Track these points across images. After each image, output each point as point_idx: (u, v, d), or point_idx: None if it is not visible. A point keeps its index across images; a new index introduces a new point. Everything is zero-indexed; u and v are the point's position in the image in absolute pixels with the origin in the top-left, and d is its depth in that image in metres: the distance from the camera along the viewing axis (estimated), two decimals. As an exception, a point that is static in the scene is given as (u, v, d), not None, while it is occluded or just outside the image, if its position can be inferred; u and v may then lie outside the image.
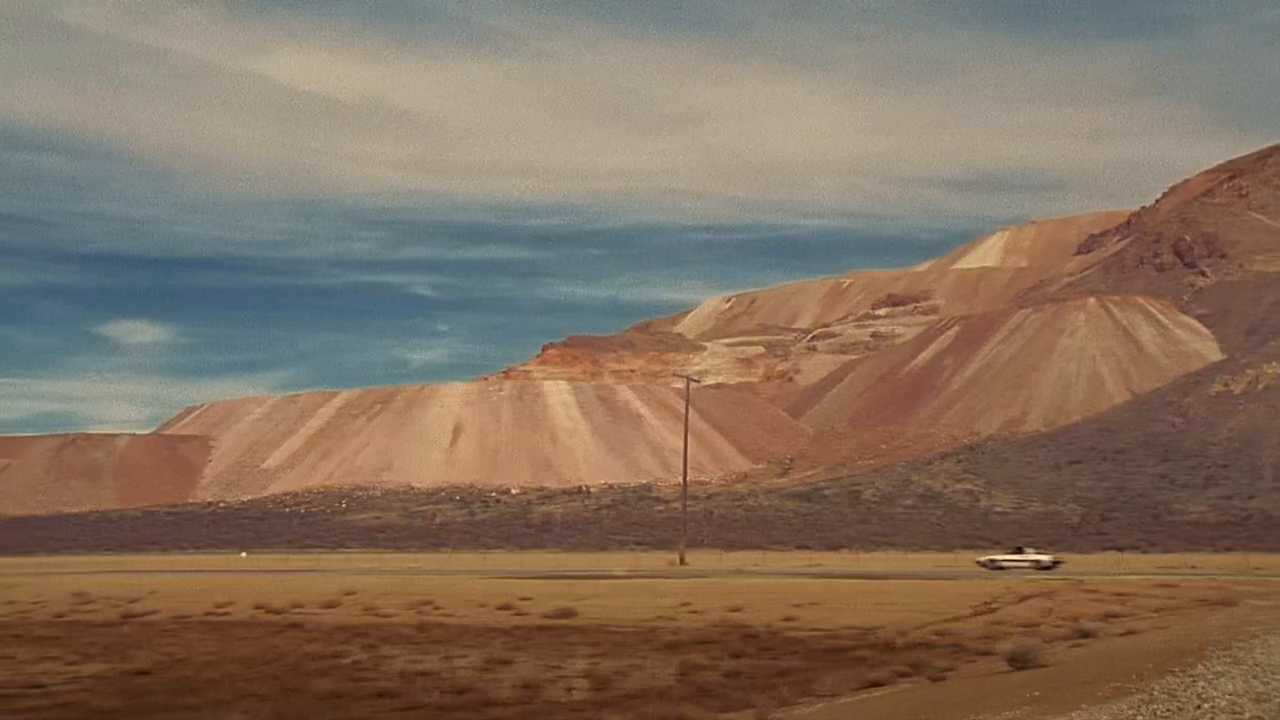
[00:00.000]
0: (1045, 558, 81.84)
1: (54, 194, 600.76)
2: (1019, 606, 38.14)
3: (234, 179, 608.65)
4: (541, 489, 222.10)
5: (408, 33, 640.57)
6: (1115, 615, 32.86)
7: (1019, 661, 20.58)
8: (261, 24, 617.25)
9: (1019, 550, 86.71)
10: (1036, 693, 16.47)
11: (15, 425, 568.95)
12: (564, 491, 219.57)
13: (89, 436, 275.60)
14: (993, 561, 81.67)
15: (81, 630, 35.44)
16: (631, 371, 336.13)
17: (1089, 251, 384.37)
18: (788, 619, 34.04)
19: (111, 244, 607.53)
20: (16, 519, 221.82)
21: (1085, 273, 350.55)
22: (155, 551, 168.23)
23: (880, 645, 26.69)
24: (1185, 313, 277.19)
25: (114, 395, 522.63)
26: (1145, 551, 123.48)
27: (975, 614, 35.39)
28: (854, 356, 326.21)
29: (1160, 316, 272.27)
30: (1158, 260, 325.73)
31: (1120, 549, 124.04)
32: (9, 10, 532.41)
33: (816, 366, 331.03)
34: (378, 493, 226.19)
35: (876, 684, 20.69)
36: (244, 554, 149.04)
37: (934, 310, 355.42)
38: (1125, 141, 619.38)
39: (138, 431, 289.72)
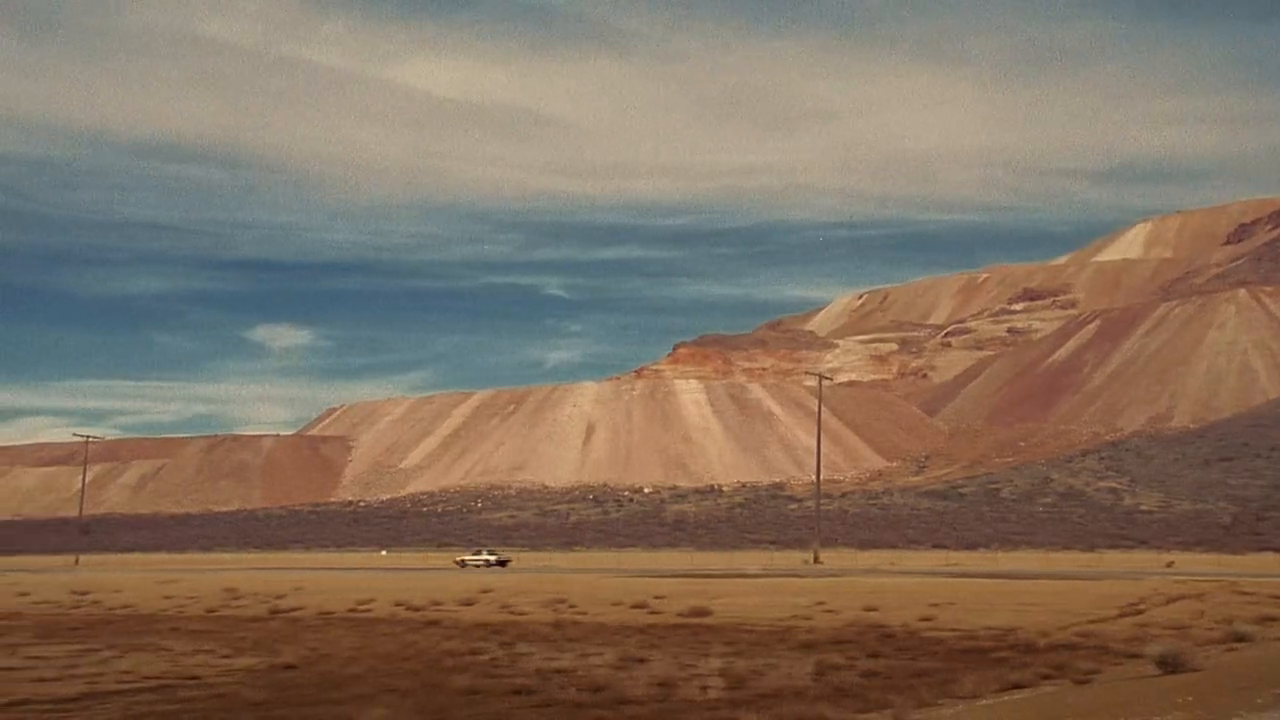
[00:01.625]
0: (493, 557, 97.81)
1: (204, 204, 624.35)
2: (1167, 608, 36.90)
3: (373, 185, 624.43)
4: (674, 488, 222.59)
5: (539, 37, 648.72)
6: (1274, 619, 31.54)
7: (1169, 665, 19.85)
8: (398, 33, 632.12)
9: (478, 551, 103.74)
10: (1189, 698, 15.87)
11: (169, 427, 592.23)
12: (696, 490, 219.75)
13: (237, 437, 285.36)
14: (463, 562, 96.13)
15: (232, 625, 36.68)
16: (763, 370, 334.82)
17: (1239, 241, 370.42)
18: (925, 619, 33.49)
19: (258, 251, 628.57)
20: (174, 517, 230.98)
21: (1235, 263, 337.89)
22: (299, 549, 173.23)
23: (1021, 646, 26.07)
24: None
25: (260, 397, 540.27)
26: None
27: (1121, 615, 34.35)
28: (990, 352, 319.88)
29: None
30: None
31: (1277, 549, 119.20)
32: (159, 28, 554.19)
33: (951, 363, 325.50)
34: (512, 492, 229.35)
35: (1018, 686, 20.20)
36: (383, 552, 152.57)
37: (1073, 304, 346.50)
38: (1277, 126, 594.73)
39: (282, 432, 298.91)
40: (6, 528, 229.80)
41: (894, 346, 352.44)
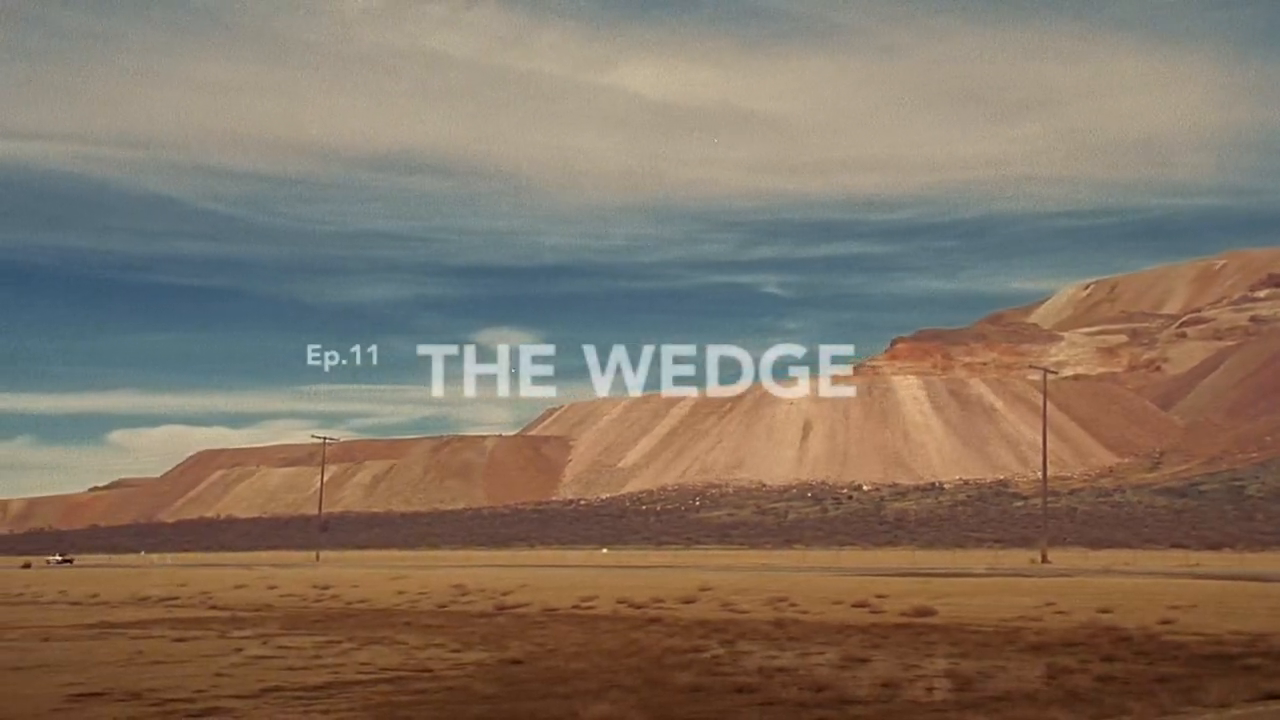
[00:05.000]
0: (59, 557, 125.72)
1: (430, 212, 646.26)
2: None
3: (592, 188, 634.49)
4: (893, 485, 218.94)
5: (753, 35, 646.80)
6: None
7: None
8: (613, 39, 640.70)
9: (60, 553, 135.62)
10: None
11: (400, 429, 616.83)
12: (917, 488, 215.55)
13: (462, 438, 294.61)
14: (49, 561, 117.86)
15: (461, 620, 37.88)
16: (984, 364, 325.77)
17: None
18: (1164, 622, 31.89)
19: (481, 256, 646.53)
20: (404, 515, 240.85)
21: None
22: (522, 546, 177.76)
23: (1275, 654, 24.53)
24: None
25: (483, 399, 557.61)
26: None
27: (1387, 622, 31.92)
28: (1230, 342, 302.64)
29: None
30: None
31: None
32: (390, 46, 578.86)
33: (1187, 354, 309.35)
34: (730, 490, 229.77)
35: (1273, 696, 19.02)
36: (604, 550, 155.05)
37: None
38: None
39: (504, 433, 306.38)
40: (255, 524, 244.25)
41: (1124, 338, 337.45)
